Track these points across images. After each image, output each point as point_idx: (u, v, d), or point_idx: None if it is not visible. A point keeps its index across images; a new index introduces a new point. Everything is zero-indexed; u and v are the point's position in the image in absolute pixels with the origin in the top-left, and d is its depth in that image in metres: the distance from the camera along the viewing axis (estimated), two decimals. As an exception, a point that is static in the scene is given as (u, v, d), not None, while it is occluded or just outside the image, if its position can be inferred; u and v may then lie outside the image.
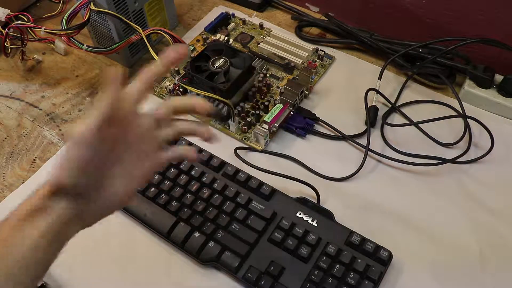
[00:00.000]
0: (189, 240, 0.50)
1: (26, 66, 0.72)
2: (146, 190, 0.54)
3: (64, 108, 0.66)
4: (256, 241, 0.50)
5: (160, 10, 0.71)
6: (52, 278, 0.51)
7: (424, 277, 0.49)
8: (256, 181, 0.54)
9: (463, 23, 0.66)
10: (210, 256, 0.49)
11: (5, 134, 0.63)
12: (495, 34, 0.62)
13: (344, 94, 0.66)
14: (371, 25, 0.72)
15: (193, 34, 0.75)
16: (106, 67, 0.71)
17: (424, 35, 0.67)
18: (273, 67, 0.69)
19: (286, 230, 0.50)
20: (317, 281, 0.47)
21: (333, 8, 0.75)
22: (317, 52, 0.70)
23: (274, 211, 0.52)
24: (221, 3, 0.80)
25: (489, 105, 0.63)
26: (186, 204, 0.53)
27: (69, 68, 0.71)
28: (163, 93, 0.66)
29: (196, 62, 0.61)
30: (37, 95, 0.68)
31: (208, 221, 0.52)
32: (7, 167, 0.60)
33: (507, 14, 0.62)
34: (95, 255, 0.52)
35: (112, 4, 0.62)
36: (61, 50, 0.72)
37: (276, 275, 0.48)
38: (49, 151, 0.61)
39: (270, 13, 0.79)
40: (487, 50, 0.64)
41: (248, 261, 0.49)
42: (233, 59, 0.61)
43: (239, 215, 0.51)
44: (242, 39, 0.73)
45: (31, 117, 0.65)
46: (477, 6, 0.63)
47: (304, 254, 0.49)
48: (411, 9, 0.69)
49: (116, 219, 0.54)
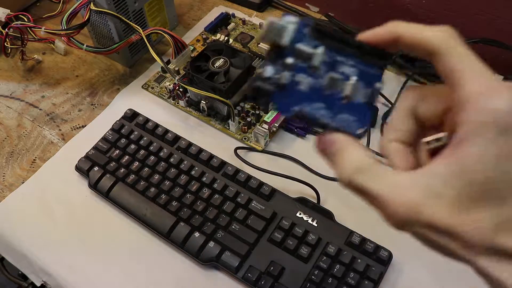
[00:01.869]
0: (189, 240, 0.50)
1: (26, 66, 0.72)
2: (146, 190, 0.54)
3: (64, 108, 0.66)
4: (256, 241, 0.50)
5: (160, 10, 0.71)
6: (52, 277, 0.51)
7: (424, 277, 0.49)
8: (256, 181, 0.54)
9: (463, 23, 0.66)
10: (210, 256, 0.49)
11: (5, 134, 0.63)
12: (495, 34, 0.62)
13: (344, 94, 0.66)
14: (371, 25, 0.72)
15: (193, 34, 0.75)
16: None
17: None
18: (273, 67, 0.69)
19: (286, 230, 0.50)
20: (317, 281, 0.47)
21: (333, 8, 0.75)
22: (317, 52, 0.70)
23: (274, 211, 0.52)
24: (221, 3, 0.80)
25: (489, 105, 0.63)
26: (186, 204, 0.53)
27: (69, 68, 0.71)
28: (163, 93, 0.66)
29: (196, 62, 0.61)
30: (37, 95, 0.68)
31: (208, 221, 0.52)
32: (7, 167, 0.60)
33: (507, 14, 0.62)
34: (95, 255, 0.52)
35: (112, 4, 0.62)
36: (61, 50, 0.72)
37: (276, 275, 0.48)
38: (49, 151, 0.61)
39: (270, 13, 0.79)
40: (487, 50, 0.64)
41: (248, 261, 0.49)
42: (233, 59, 0.61)
43: (239, 215, 0.51)
44: (242, 39, 0.73)
45: (31, 117, 0.65)
46: (477, 6, 0.63)
47: (304, 254, 0.49)
48: (411, 9, 0.69)
49: (116, 219, 0.54)
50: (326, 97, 0.26)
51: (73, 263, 0.51)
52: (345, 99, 0.26)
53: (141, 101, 0.65)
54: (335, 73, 0.26)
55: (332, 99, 0.26)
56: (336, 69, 0.26)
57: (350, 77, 0.26)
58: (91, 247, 0.52)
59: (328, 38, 0.26)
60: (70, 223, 0.54)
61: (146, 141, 0.58)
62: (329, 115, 0.26)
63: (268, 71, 0.25)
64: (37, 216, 0.55)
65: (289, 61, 0.25)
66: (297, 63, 0.25)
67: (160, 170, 0.55)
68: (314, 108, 0.26)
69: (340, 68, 0.26)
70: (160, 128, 0.59)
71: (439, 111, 0.25)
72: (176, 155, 0.57)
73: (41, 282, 0.52)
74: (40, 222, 0.54)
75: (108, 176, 0.56)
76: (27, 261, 0.52)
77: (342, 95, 0.26)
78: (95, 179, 0.55)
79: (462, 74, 0.22)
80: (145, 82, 0.68)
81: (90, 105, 0.66)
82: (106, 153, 0.58)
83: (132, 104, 0.64)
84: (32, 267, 0.52)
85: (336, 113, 0.26)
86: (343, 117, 0.26)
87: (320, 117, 0.26)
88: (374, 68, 0.27)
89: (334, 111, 0.26)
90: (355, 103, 0.26)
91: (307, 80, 0.26)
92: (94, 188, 0.55)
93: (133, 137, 0.59)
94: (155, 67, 0.70)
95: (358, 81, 0.26)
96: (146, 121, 0.60)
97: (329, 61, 0.26)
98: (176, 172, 0.55)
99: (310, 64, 0.26)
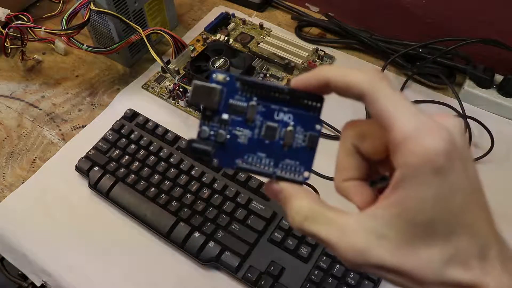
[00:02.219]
0: (189, 240, 0.50)
1: (26, 66, 0.72)
2: (146, 190, 0.54)
3: (64, 108, 0.66)
4: (256, 241, 0.50)
5: (160, 10, 0.71)
6: (52, 277, 0.51)
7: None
8: (256, 181, 0.54)
9: (463, 23, 0.66)
10: (210, 256, 0.50)
11: (5, 134, 0.63)
12: (495, 34, 0.62)
13: (344, 94, 0.66)
14: (371, 25, 0.72)
15: (193, 34, 0.75)
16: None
17: (424, 35, 0.67)
18: (273, 67, 0.69)
19: (286, 230, 0.50)
20: (317, 281, 0.47)
21: (333, 8, 0.75)
22: (317, 52, 0.70)
23: (274, 211, 0.52)
24: (221, 3, 0.80)
25: (489, 105, 0.63)
26: (186, 204, 0.53)
27: (69, 68, 0.71)
28: (163, 93, 0.66)
29: (196, 62, 0.61)
30: (37, 95, 0.68)
31: (208, 221, 0.52)
32: (7, 167, 0.60)
33: (507, 14, 0.62)
34: (94, 255, 0.52)
35: (112, 4, 0.62)
36: (61, 50, 0.72)
37: (276, 275, 0.48)
38: (49, 151, 0.61)
39: (270, 13, 0.79)
40: (487, 50, 0.64)
41: (248, 261, 0.49)
42: (233, 59, 0.61)
43: (239, 215, 0.51)
44: (242, 39, 0.73)
45: (31, 117, 0.65)
46: (477, 6, 0.63)
47: (304, 254, 0.49)
48: (411, 9, 0.69)
49: (116, 219, 0.54)
50: (267, 146, 0.26)
51: (73, 263, 0.51)
52: (285, 146, 0.26)
53: (141, 101, 0.66)
54: (271, 122, 0.26)
55: (272, 147, 0.26)
56: (272, 118, 0.27)
57: (288, 123, 0.27)
58: (91, 247, 0.52)
59: (260, 88, 0.26)
60: (70, 223, 0.54)
61: (146, 141, 0.58)
62: (272, 163, 0.26)
63: (205, 132, 0.26)
64: (37, 216, 0.55)
65: (225, 117, 0.26)
66: (233, 118, 0.26)
67: (160, 170, 0.55)
68: (256, 158, 0.26)
69: (276, 116, 0.27)
70: (160, 128, 0.59)
71: (380, 147, 0.25)
72: (176, 155, 0.57)
73: (41, 282, 0.52)
74: (40, 222, 0.54)
75: (108, 176, 0.56)
76: (27, 261, 0.52)
77: (282, 142, 0.26)
78: (95, 179, 0.55)
79: (391, 116, 0.22)
80: (145, 82, 0.68)
81: (90, 105, 0.66)
82: (106, 153, 0.58)
83: (132, 104, 0.64)
84: (32, 267, 0.52)
85: (279, 160, 0.26)
86: (286, 163, 0.27)
87: (262, 168, 0.26)
88: (310, 111, 0.27)
89: (277, 158, 0.26)
90: (297, 147, 0.27)
91: (245, 133, 0.26)
92: (94, 188, 0.55)
93: (133, 137, 0.59)
94: (155, 67, 0.70)
95: (296, 126, 0.27)
96: (146, 121, 0.60)
97: (264, 110, 0.26)
98: (176, 172, 0.55)
99: (246, 116, 0.26)
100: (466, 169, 0.22)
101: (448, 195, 0.22)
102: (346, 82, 0.24)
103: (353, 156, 0.26)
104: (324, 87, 0.25)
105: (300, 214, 0.25)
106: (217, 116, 0.26)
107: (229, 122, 0.26)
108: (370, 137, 0.26)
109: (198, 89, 0.26)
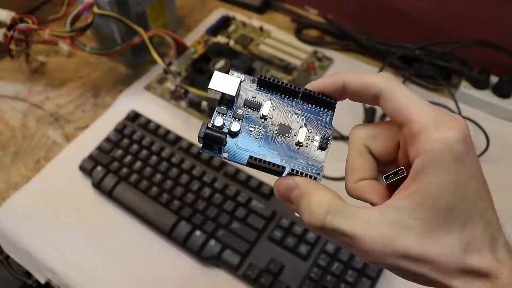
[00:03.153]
0: (190, 239, 0.51)
1: (30, 68, 0.72)
2: (147, 189, 0.55)
3: (68, 109, 0.67)
4: (256, 239, 0.51)
5: (162, 13, 0.72)
6: (56, 275, 0.52)
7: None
8: (256, 180, 0.55)
9: (459, 26, 0.67)
10: (211, 254, 0.50)
11: (10, 134, 0.64)
12: (491, 36, 0.63)
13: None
14: (369, 28, 0.73)
15: (194, 36, 0.76)
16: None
17: (421, 37, 0.68)
18: (273, 68, 0.70)
19: (285, 229, 0.51)
20: (316, 278, 0.48)
21: (332, 10, 0.76)
22: (316, 54, 0.71)
23: (273, 210, 0.53)
24: (221, 6, 0.81)
25: (485, 106, 0.64)
26: (187, 203, 0.54)
27: (73, 69, 0.72)
28: (164, 94, 0.67)
29: (197, 64, 0.62)
30: (42, 96, 0.69)
31: (209, 219, 0.53)
32: (12, 166, 0.61)
33: (502, 17, 0.63)
34: (98, 253, 0.53)
35: (115, 7, 0.63)
36: (65, 52, 0.73)
37: (276, 273, 0.49)
38: (53, 151, 0.62)
39: (270, 16, 0.80)
40: (483, 52, 0.65)
41: (248, 259, 0.50)
42: (233, 61, 0.62)
43: (239, 214, 0.52)
44: (243, 41, 0.74)
45: (35, 118, 0.66)
46: (473, 9, 0.64)
47: (304, 252, 0.50)
48: (409, 12, 0.70)
49: (119, 218, 0.55)
50: (279, 144, 0.27)
51: (76, 261, 0.52)
52: (297, 145, 0.27)
53: (143, 102, 0.66)
54: (285, 121, 0.27)
55: (285, 146, 0.27)
56: (286, 117, 0.27)
57: (300, 124, 0.27)
58: (94, 245, 0.53)
59: (275, 88, 0.27)
60: (73, 221, 0.55)
61: (148, 141, 0.59)
62: (284, 162, 0.27)
63: (218, 121, 0.26)
64: (42, 214, 0.56)
65: (239, 112, 0.27)
66: (247, 113, 0.27)
67: (162, 170, 0.56)
68: (267, 155, 0.27)
69: (290, 116, 0.27)
70: (162, 129, 0.60)
71: (391, 147, 0.26)
72: (178, 154, 0.58)
73: (45, 279, 0.53)
74: (44, 220, 0.55)
75: (111, 175, 0.57)
76: (32, 259, 0.53)
77: (294, 142, 0.27)
78: (98, 179, 0.56)
79: (410, 110, 0.24)
80: (147, 83, 0.69)
81: (93, 106, 0.67)
82: (109, 153, 0.59)
83: (134, 104, 0.65)
84: (37, 265, 0.53)
85: (290, 159, 0.27)
86: (297, 163, 0.27)
87: (272, 166, 0.26)
88: (323, 114, 0.28)
89: (289, 157, 0.27)
90: (309, 147, 0.27)
91: (258, 129, 0.27)
92: (97, 188, 0.56)
93: (136, 138, 0.60)
94: (157, 69, 0.71)
95: (309, 127, 0.27)
96: (148, 121, 0.61)
97: (279, 109, 0.27)
98: (177, 171, 0.56)
99: (260, 114, 0.27)
100: (477, 159, 0.24)
101: (466, 182, 0.23)
102: (364, 83, 0.25)
103: (365, 156, 0.27)
104: (339, 90, 0.26)
105: (323, 208, 0.24)
106: (232, 109, 0.27)
107: (243, 116, 0.27)
108: (381, 137, 0.27)
109: (219, 77, 0.26)
